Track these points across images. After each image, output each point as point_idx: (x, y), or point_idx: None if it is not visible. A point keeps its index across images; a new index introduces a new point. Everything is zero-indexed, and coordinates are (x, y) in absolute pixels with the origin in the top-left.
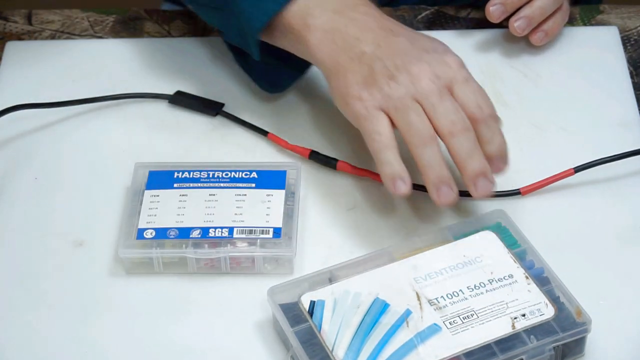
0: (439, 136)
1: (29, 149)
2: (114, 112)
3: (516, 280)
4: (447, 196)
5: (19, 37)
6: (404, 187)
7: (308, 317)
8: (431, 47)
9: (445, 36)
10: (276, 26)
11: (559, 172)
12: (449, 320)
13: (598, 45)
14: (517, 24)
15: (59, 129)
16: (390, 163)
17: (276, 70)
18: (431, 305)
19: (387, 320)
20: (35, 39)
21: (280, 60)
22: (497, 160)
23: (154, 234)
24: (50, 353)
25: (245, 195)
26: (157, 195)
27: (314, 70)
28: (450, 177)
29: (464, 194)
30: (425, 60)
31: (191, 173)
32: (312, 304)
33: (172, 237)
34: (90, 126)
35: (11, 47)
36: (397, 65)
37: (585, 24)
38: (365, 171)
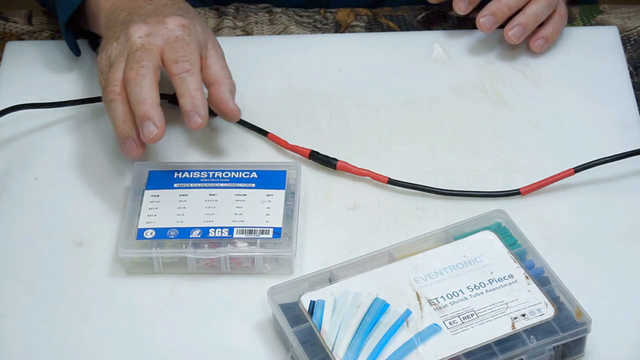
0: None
1: (29, 149)
2: None
3: (516, 280)
4: (131, 149)
5: (19, 37)
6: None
7: (308, 317)
8: (166, 12)
9: (445, 36)
10: (86, 16)
11: (559, 172)
12: (449, 320)
13: (598, 45)
14: (512, 33)
15: (59, 129)
16: (114, 117)
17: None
18: (431, 305)
19: (387, 320)
20: (35, 39)
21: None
22: (191, 114)
23: (154, 234)
24: (50, 353)
25: (245, 195)
26: (157, 195)
27: (314, 71)
28: (132, 132)
29: (464, 193)
30: (147, 21)
31: (191, 173)
32: (312, 304)
33: (172, 237)
34: (90, 126)
35: (11, 47)
36: (123, 27)
37: (585, 24)
38: (365, 171)
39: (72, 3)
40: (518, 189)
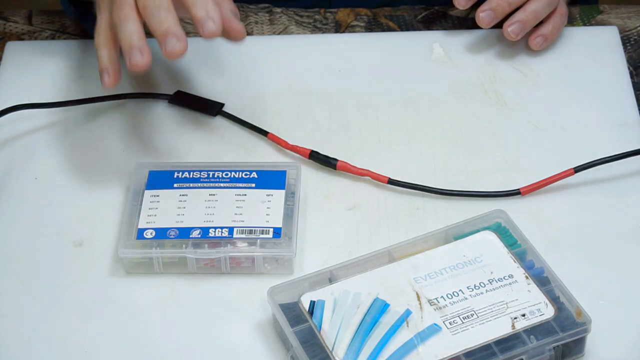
0: (142, 14)
1: (29, 149)
2: (114, 112)
3: (516, 280)
4: (136, 57)
5: (19, 37)
6: (107, 79)
7: (308, 317)
8: None
9: (445, 36)
10: None
11: (559, 172)
12: (449, 320)
13: (598, 45)
14: (511, 29)
15: (59, 129)
16: (100, 58)
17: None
18: (431, 305)
19: (387, 320)
20: (35, 39)
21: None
22: (204, 20)
23: (154, 234)
24: (50, 353)
25: (245, 195)
26: (157, 195)
27: (314, 71)
28: (142, 42)
29: (464, 193)
30: None
31: (191, 173)
32: (312, 304)
33: (172, 237)
34: (90, 126)
35: (11, 47)
36: None
37: (585, 24)
38: (365, 171)
39: None
40: (518, 189)
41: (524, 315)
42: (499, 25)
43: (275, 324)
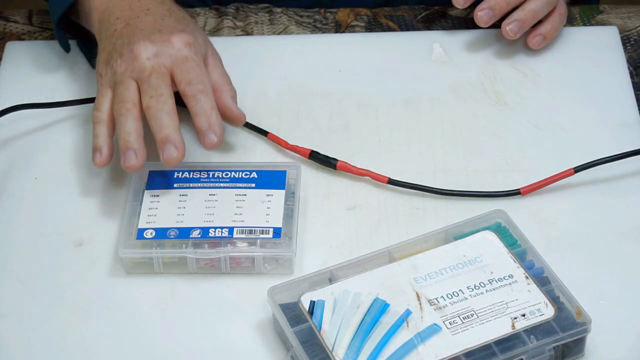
0: (145, 113)
1: (29, 149)
2: None
3: (516, 280)
4: (130, 160)
5: (19, 37)
6: (99, 159)
7: (308, 317)
8: (168, 26)
9: (445, 36)
10: (79, 13)
11: (559, 172)
12: (449, 320)
13: (598, 45)
14: (509, 28)
15: (59, 129)
16: (96, 136)
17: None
18: (431, 305)
19: (387, 320)
20: (36, 39)
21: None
22: (207, 132)
23: (154, 234)
24: (50, 353)
25: (245, 195)
26: (157, 195)
27: (314, 71)
28: (138, 145)
29: (464, 193)
30: (152, 39)
31: (191, 173)
32: (312, 304)
33: (172, 237)
34: (90, 126)
35: (11, 47)
36: (127, 43)
37: (585, 24)
38: (365, 171)
39: (64, 2)
40: (518, 189)
41: (524, 315)
42: (498, 25)
43: (275, 324)
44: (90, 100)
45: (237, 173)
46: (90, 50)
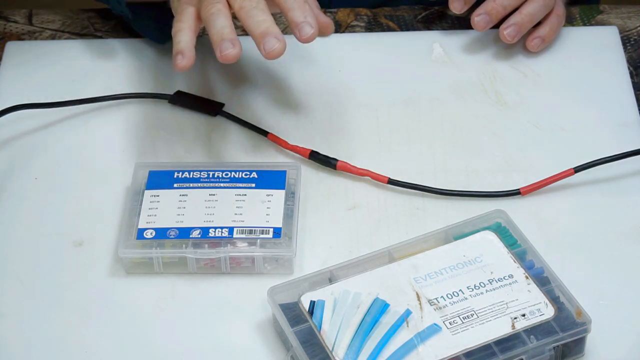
0: (237, 16)
1: (29, 149)
2: (114, 112)
3: (516, 280)
4: (228, 48)
5: (19, 37)
6: (181, 59)
7: (308, 317)
8: None
9: (445, 36)
10: None
11: (559, 172)
12: (449, 320)
13: (598, 45)
14: (507, 32)
15: (59, 129)
16: (179, 41)
17: (158, 21)
18: (431, 305)
19: (387, 320)
20: (36, 39)
21: (157, 11)
22: (302, 25)
23: (154, 234)
24: (50, 353)
25: (245, 195)
26: (157, 195)
27: (314, 71)
28: (234, 36)
29: (464, 193)
30: None
31: (191, 173)
32: (312, 304)
33: (172, 237)
34: (90, 126)
35: (11, 47)
36: None
37: (585, 24)
38: (365, 171)
39: None
40: (518, 189)
41: (524, 315)
42: (498, 25)
43: (275, 324)
44: (91, 100)
45: (237, 173)
46: (149, 26)
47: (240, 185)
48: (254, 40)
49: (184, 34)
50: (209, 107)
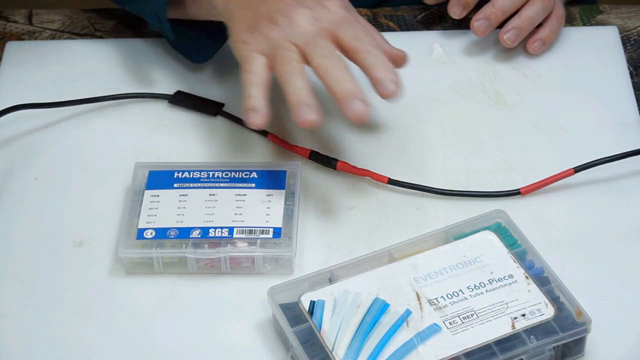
0: (315, 73)
1: (29, 149)
2: (114, 112)
3: (516, 280)
4: (307, 114)
5: (19, 37)
6: (256, 117)
7: (308, 317)
8: None
9: (444, 36)
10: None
11: (559, 172)
12: (449, 320)
13: (598, 45)
14: (507, 36)
15: (59, 129)
16: (252, 96)
17: (198, 41)
18: (431, 305)
19: (387, 320)
20: (36, 39)
21: (197, 31)
22: (385, 81)
23: (153, 234)
24: (50, 353)
25: (245, 195)
26: (157, 195)
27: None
28: (314, 101)
29: (464, 193)
30: (306, 5)
31: (191, 173)
32: (312, 304)
33: (172, 237)
34: (90, 126)
35: (11, 47)
36: (278, 9)
37: (585, 24)
38: (365, 171)
39: None
40: (518, 189)
41: (524, 315)
42: (498, 25)
43: (275, 324)
44: (91, 100)
45: (237, 173)
46: (188, 45)
47: (240, 185)
48: (336, 100)
49: (256, 89)
50: (209, 107)
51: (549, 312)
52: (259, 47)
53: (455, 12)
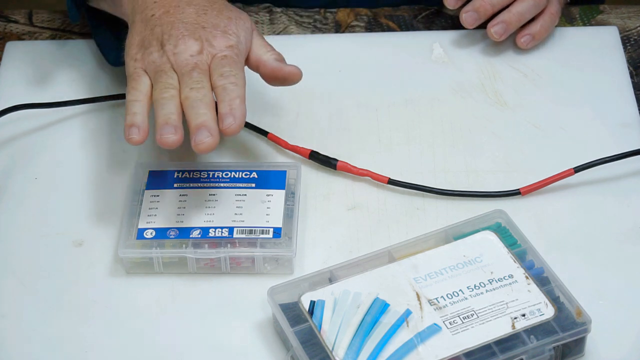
0: (182, 103)
1: (29, 149)
2: (114, 112)
3: (516, 280)
4: (169, 133)
5: (19, 37)
6: (137, 134)
7: (308, 317)
8: (211, 24)
9: (444, 36)
10: None
11: (559, 172)
12: (449, 320)
13: (598, 45)
14: (494, 29)
15: (59, 129)
16: (135, 113)
17: (117, 41)
18: (431, 305)
19: (387, 320)
20: (36, 39)
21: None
22: (225, 115)
23: (154, 234)
24: (50, 353)
25: (245, 195)
26: (157, 195)
27: (314, 71)
28: (179, 124)
29: (464, 193)
30: (197, 37)
31: (191, 173)
32: (312, 303)
33: (172, 237)
34: (90, 126)
35: (11, 47)
36: (171, 35)
37: (585, 24)
38: (365, 171)
39: None
40: (518, 189)
41: (524, 315)
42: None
43: (275, 324)
44: (91, 100)
45: (237, 173)
46: (107, 43)
47: (240, 185)
48: (190, 130)
49: (140, 106)
50: None
51: (549, 312)
52: (145, 66)
53: (451, 2)
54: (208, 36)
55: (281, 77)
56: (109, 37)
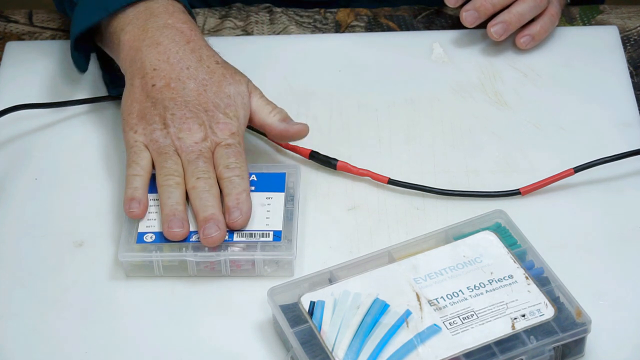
0: (188, 192)
1: (29, 149)
2: (114, 112)
3: (516, 281)
4: (177, 230)
5: (19, 37)
6: (137, 208)
7: (308, 317)
8: (213, 104)
9: (444, 36)
10: (102, 36)
11: (559, 172)
12: (449, 321)
13: (598, 45)
14: (494, 29)
15: (59, 129)
16: (135, 188)
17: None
18: (431, 305)
19: (387, 321)
20: (36, 39)
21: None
22: (233, 209)
23: (154, 237)
24: (50, 354)
25: None
26: (157, 199)
27: (314, 71)
28: (185, 216)
29: (464, 193)
30: (199, 121)
31: None
32: (312, 304)
33: (171, 240)
34: (90, 126)
35: (11, 47)
36: (174, 115)
37: (585, 24)
38: (365, 171)
39: (86, 20)
40: (518, 189)
41: (523, 315)
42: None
43: (275, 325)
44: (90, 100)
45: None
46: (112, 79)
47: None
48: (196, 221)
49: (140, 180)
50: None
51: (548, 312)
52: (147, 143)
53: (451, 1)
54: (211, 122)
55: (289, 137)
56: (114, 76)
